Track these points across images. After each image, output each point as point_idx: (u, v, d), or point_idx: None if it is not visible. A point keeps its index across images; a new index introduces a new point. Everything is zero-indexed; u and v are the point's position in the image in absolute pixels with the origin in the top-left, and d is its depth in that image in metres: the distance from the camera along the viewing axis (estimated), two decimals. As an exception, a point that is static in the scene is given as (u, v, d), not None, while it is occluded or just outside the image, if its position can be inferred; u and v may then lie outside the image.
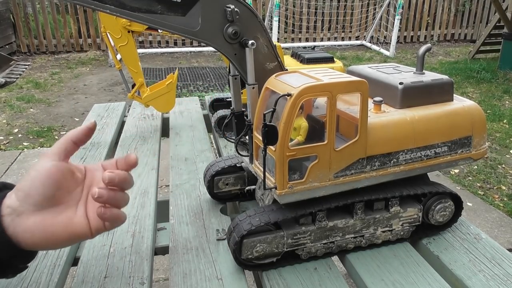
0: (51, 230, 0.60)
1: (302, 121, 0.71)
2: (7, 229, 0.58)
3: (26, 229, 0.59)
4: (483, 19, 8.45)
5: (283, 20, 7.66)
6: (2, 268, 0.61)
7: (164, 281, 1.98)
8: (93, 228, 0.62)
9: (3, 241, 0.58)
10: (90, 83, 5.54)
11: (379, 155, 0.76)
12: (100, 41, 7.29)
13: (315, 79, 0.70)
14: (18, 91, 5.11)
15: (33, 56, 7.01)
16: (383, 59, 6.95)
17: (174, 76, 1.46)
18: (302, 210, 0.74)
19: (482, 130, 0.84)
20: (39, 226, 0.59)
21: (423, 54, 0.84)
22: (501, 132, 3.92)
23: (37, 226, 0.59)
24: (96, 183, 0.65)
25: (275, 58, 0.79)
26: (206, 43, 0.71)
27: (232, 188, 0.97)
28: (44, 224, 0.60)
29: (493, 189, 2.95)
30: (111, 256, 0.82)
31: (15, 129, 3.99)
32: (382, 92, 0.82)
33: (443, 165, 0.83)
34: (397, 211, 0.81)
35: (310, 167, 0.70)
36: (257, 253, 0.74)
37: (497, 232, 2.45)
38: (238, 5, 0.70)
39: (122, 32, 1.32)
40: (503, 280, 0.75)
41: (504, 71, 5.71)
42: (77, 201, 0.64)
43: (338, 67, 1.39)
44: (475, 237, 0.86)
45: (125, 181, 0.63)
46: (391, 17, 7.52)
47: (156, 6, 0.65)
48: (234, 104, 0.84)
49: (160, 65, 6.39)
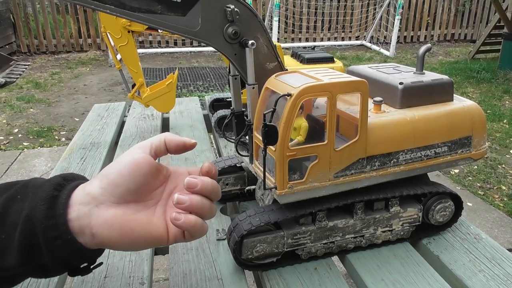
0: (130, 226, 0.55)
1: (302, 121, 0.71)
2: (83, 220, 0.53)
3: (105, 220, 0.53)
4: (483, 19, 8.46)
5: (283, 20, 7.66)
6: (68, 266, 0.57)
7: (164, 281, 1.98)
8: (171, 235, 0.57)
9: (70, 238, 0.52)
10: (90, 83, 5.54)
11: (379, 155, 0.76)
12: (100, 41, 7.29)
13: (315, 79, 0.70)
14: (18, 91, 5.11)
15: (33, 56, 7.01)
16: (383, 59, 6.95)
17: (174, 76, 1.46)
18: (302, 210, 0.74)
19: (482, 130, 0.84)
20: (119, 219, 0.54)
21: (423, 54, 0.84)
22: (501, 132, 3.92)
23: (117, 220, 0.54)
24: (180, 189, 0.60)
25: (275, 58, 0.79)
26: (206, 43, 0.71)
27: (232, 188, 0.97)
28: (125, 219, 0.54)
29: (493, 189, 2.95)
30: (111, 256, 0.82)
31: (15, 129, 3.99)
32: (382, 92, 0.82)
33: (443, 165, 0.83)
34: (397, 211, 0.81)
35: (310, 167, 0.70)
36: (257, 253, 0.74)
37: (497, 232, 2.45)
38: (238, 5, 0.70)
39: (122, 32, 1.32)
40: (503, 280, 0.75)
41: (504, 71, 5.71)
42: (156, 201, 0.59)
43: (338, 67, 1.39)
44: (475, 237, 0.86)
45: (209, 189, 0.57)
46: (391, 17, 7.53)
47: (156, 6, 0.65)
48: (234, 104, 0.84)
49: (160, 65, 6.39)
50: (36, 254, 0.52)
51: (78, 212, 0.53)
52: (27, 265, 0.52)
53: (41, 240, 0.51)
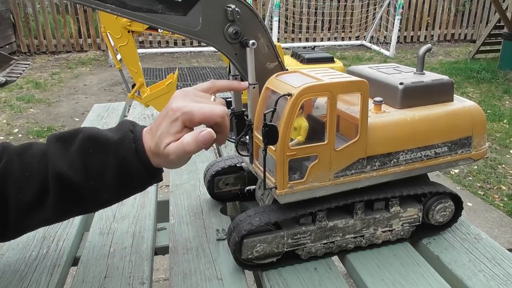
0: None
1: (303, 121, 0.71)
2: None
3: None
4: (483, 19, 8.46)
5: (283, 20, 7.66)
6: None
7: (164, 281, 1.98)
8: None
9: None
10: (90, 83, 5.54)
11: (379, 155, 0.76)
12: (100, 41, 7.29)
13: (315, 79, 0.70)
14: (18, 91, 5.11)
15: (33, 56, 7.01)
16: (383, 59, 6.95)
17: (174, 76, 1.46)
18: (302, 210, 0.74)
19: (482, 130, 0.84)
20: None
21: (423, 54, 0.84)
22: (501, 132, 3.92)
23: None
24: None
25: (275, 58, 0.79)
26: (206, 43, 0.71)
27: (232, 188, 0.97)
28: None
29: (493, 189, 2.95)
30: (111, 256, 0.82)
31: (15, 129, 3.99)
32: (382, 92, 0.82)
33: (443, 165, 0.83)
34: (397, 211, 0.81)
35: (310, 167, 0.70)
36: (257, 253, 0.74)
37: (497, 232, 2.45)
38: (239, 5, 0.70)
39: (122, 32, 1.32)
40: (503, 280, 0.75)
41: (504, 71, 5.71)
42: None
43: (338, 67, 1.39)
44: (475, 237, 0.86)
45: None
46: (391, 17, 7.52)
47: (157, 5, 0.65)
48: (234, 104, 0.84)
49: (160, 65, 6.39)
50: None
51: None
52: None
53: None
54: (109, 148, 0.63)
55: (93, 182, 0.63)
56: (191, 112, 0.61)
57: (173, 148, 0.61)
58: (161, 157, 0.62)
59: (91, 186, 0.63)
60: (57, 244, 0.86)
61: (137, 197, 1.02)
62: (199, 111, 0.61)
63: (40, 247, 0.85)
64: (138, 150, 0.63)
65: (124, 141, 0.63)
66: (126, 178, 0.64)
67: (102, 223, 0.93)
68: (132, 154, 0.63)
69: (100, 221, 0.93)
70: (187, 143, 0.61)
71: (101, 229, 0.91)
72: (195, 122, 0.62)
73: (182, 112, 0.61)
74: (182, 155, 0.61)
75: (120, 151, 0.63)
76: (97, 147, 0.63)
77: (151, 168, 0.64)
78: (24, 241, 0.86)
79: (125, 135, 0.64)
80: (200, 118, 0.61)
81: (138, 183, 0.66)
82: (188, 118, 0.61)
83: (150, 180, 0.67)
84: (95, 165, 0.63)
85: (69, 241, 0.87)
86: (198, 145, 0.61)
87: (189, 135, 0.61)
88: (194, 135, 0.61)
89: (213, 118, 0.62)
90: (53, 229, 0.90)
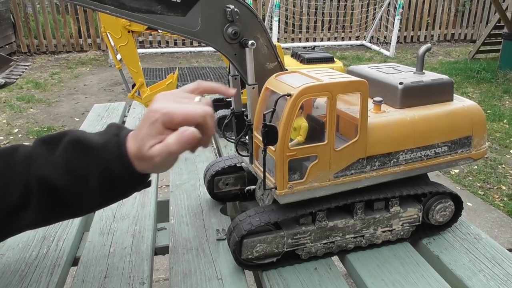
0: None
1: (302, 121, 0.71)
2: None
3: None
4: (483, 19, 8.45)
5: (283, 20, 7.66)
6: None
7: (164, 281, 1.98)
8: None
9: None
10: (90, 83, 5.54)
11: (379, 155, 0.76)
12: (100, 41, 7.29)
13: (315, 79, 0.70)
14: (18, 91, 5.11)
15: (33, 56, 7.01)
16: (383, 59, 6.95)
17: (174, 76, 1.46)
18: (302, 210, 0.74)
19: (482, 130, 0.84)
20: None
21: (423, 54, 0.84)
22: (501, 132, 3.92)
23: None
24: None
25: (275, 58, 0.79)
26: (206, 43, 0.71)
27: (232, 188, 0.97)
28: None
29: (493, 189, 2.95)
30: (111, 256, 0.82)
31: (15, 129, 3.99)
32: (382, 92, 0.82)
33: (443, 165, 0.83)
34: (397, 211, 0.81)
35: (310, 167, 0.70)
36: (257, 253, 0.74)
37: (497, 232, 2.45)
38: (238, 5, 0.70)
39: (122, 32, 1.32)
40: (503, 280, 0.75)
41: (504, 71, 5.71)
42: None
43: (338, 67, 1.39)
44: (475, 237, 0.86)
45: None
46: (391, 17, 7.52)
47: (156, 6, 0.65)
48: (234, 104, 0.84)
49: (160, 65, 6.39)
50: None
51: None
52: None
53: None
54: (94, 152, 0.62)
55: (77, 187, 0.62)
56: (170, 112, 0.60)
57: (157, 150, 0.60)
58: (146, 160, 0.61)
59: (75, 190, 0.62)
60: (57, 244, 0.86)
61: (137, 197, 1.02)
62: (178, 111, 0.60)
63: (40, 247, 0.85)
64: (122, 154, 0.62)
65: (108, 146, 0.62)
66: (110, 183, 0.63)
67: (102, 223, 0.93)
68: (115, 158, 0.62)
69: (100, 221, 0.94)
70: (171, 144, 0.59)
71: (101, 229, 0.91)
72: (176, 123, 0.61)
73: (161, 113, 0.60)
74: (166, 156, 0.60)
75: (104, 155, 0.62)
76: (82, 151, 0.62)
77: (135, 173, 0.63)
78: (24, 241, 0.86)
79: (110, 139, 0.63)
80: (180, 118, 0.60)
81: (123, 189, 0.65)
82: (168, 119, 0.60)
83: (135, 185, 0.66)
84: (79, 169, 0.62)
85: (69, 241, 0.87)
86: (182, 145, 0.60)
87: (172, 136, 0.60)
88: (177, 135, 0.60)
89: (193, 118, 0.61)
90: (53, 229, 0.90)
